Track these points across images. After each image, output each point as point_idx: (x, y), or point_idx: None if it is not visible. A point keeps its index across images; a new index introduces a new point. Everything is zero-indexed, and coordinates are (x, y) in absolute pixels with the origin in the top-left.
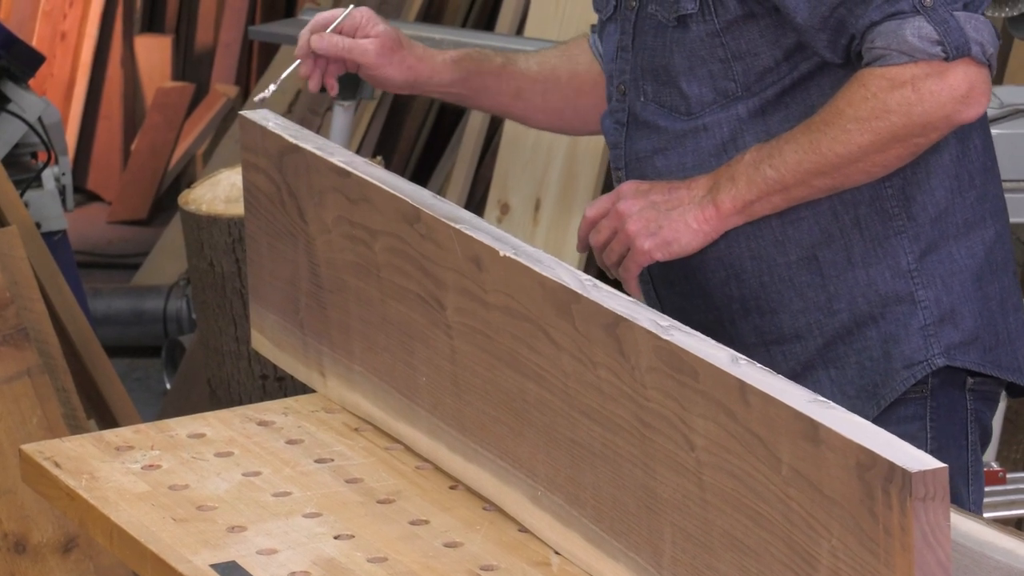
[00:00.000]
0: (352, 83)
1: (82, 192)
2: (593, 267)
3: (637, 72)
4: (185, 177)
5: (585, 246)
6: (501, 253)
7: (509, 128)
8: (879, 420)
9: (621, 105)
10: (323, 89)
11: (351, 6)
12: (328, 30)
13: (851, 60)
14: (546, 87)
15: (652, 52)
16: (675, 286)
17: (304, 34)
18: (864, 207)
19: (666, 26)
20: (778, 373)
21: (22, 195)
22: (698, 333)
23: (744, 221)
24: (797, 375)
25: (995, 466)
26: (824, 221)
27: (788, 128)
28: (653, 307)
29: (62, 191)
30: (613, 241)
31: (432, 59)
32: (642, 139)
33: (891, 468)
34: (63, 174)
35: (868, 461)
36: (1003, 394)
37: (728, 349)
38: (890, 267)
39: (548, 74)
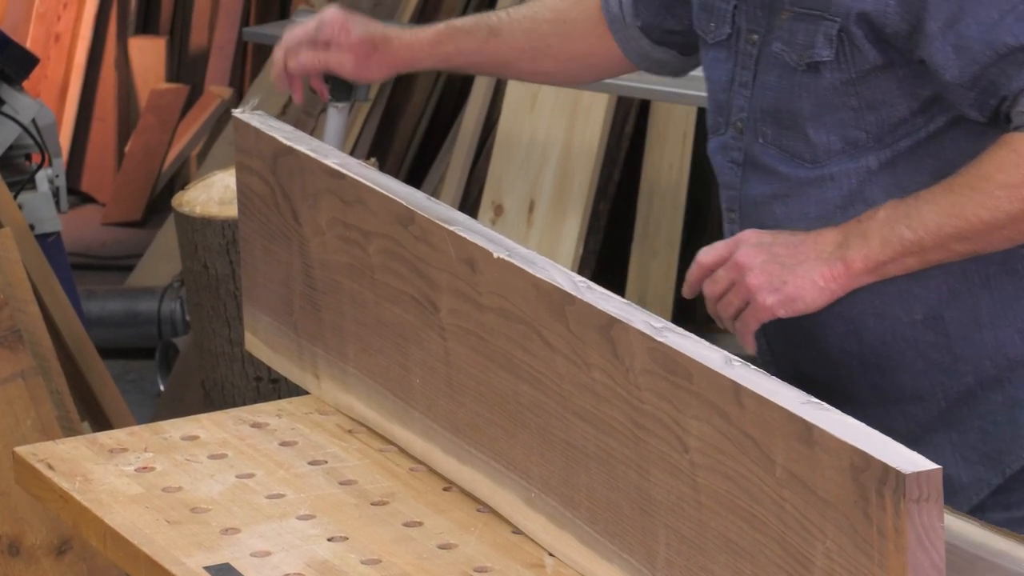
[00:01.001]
0: (346, 85)
1: (76, 194)
2: (588, 269)
3: (756, 112)
4: (179, 179)
5: (696, 291)
6: (495, 255)
7: (503, 130)
8: (1002, 486)
9: (737, 143)
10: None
11: (322, 8)
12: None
13: (997, 120)
14: (535, 55)
15: (777, 94)
16: (790, 339)
17: (278, 57)
18: (995, 267)
19: (794, 69)
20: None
21: (16, 197)
22: (692, 335)
23: (874, 280)
24: (916, 438)
25: None
26: (952, 280)
27: (918, 181)
28: (764, 359)
29: (56, 193)
30: (730, 293)
31: (411, 47)
32: (760, 184)
33: (885, 470)
34: (57, 176)
35: (862, 463)
36: None
37: (722, 351)
38: (1019, 330)
39: (537, 43)
